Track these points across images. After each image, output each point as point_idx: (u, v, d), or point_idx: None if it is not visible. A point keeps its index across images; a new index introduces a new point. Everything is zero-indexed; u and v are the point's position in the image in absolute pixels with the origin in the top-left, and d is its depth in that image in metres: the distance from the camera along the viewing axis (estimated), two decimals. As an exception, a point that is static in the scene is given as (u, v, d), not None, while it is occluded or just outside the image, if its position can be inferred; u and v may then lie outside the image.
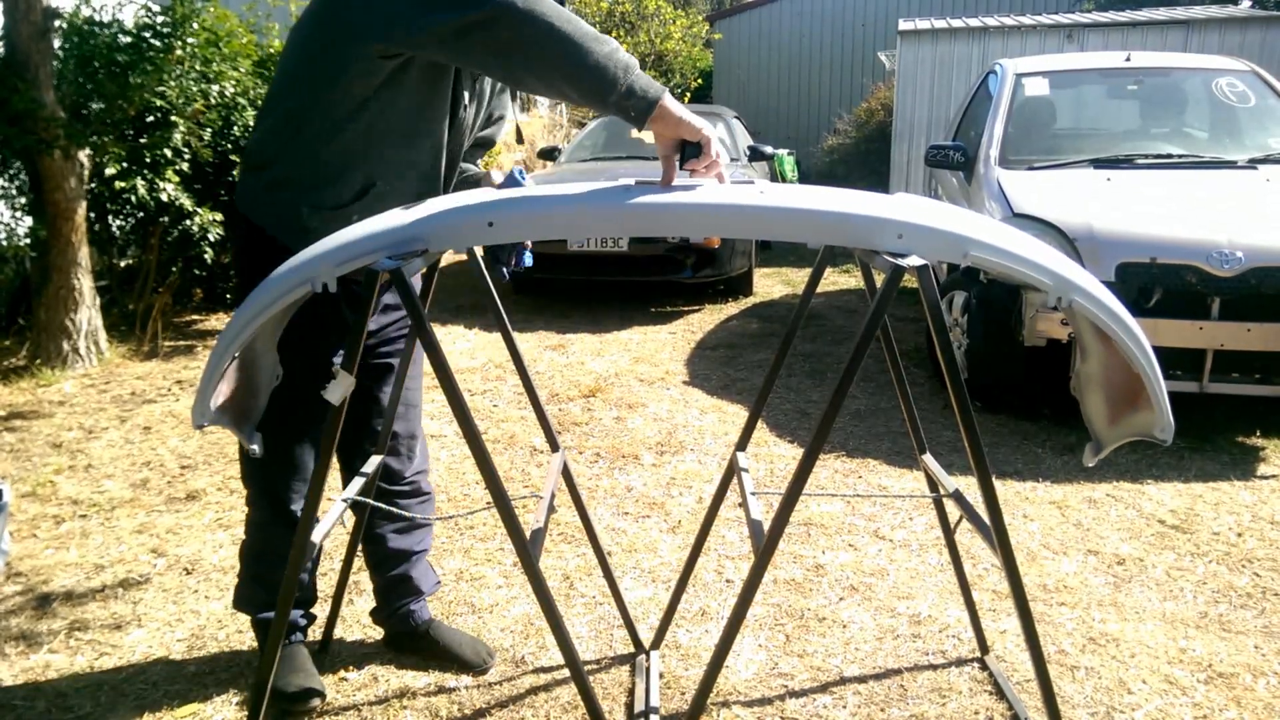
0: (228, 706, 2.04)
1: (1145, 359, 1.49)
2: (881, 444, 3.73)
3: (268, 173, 1.77)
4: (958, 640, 2.29)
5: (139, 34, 4.82)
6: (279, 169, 1.76)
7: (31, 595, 2.53)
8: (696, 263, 6.26)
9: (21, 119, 4.37)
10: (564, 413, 4.12)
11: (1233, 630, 2.35)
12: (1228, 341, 3.52)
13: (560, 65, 1.45)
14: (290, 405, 1.84)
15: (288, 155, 1.75)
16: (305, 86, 1.69)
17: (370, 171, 1.74)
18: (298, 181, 1.74)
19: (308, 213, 1.73)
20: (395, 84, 1.66)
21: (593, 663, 2.21)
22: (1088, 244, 3.69)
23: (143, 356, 5.05)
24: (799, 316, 1.88)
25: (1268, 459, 3.53)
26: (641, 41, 12.83)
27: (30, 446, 3.70)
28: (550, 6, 1.44)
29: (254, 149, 1.82)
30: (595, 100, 1.47)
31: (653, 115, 1.47)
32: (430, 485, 2.20)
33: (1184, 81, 5.14)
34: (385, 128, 1.70)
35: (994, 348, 3.99)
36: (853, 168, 11.76)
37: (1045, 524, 2.98)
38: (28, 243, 4.77)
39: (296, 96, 1.72)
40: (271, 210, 1.78)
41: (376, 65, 1.62)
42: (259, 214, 1.80)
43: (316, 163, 1.72)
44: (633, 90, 1.45)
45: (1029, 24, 8.62)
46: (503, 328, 1.94)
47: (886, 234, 1.41)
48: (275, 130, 1.76)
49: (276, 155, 1.76)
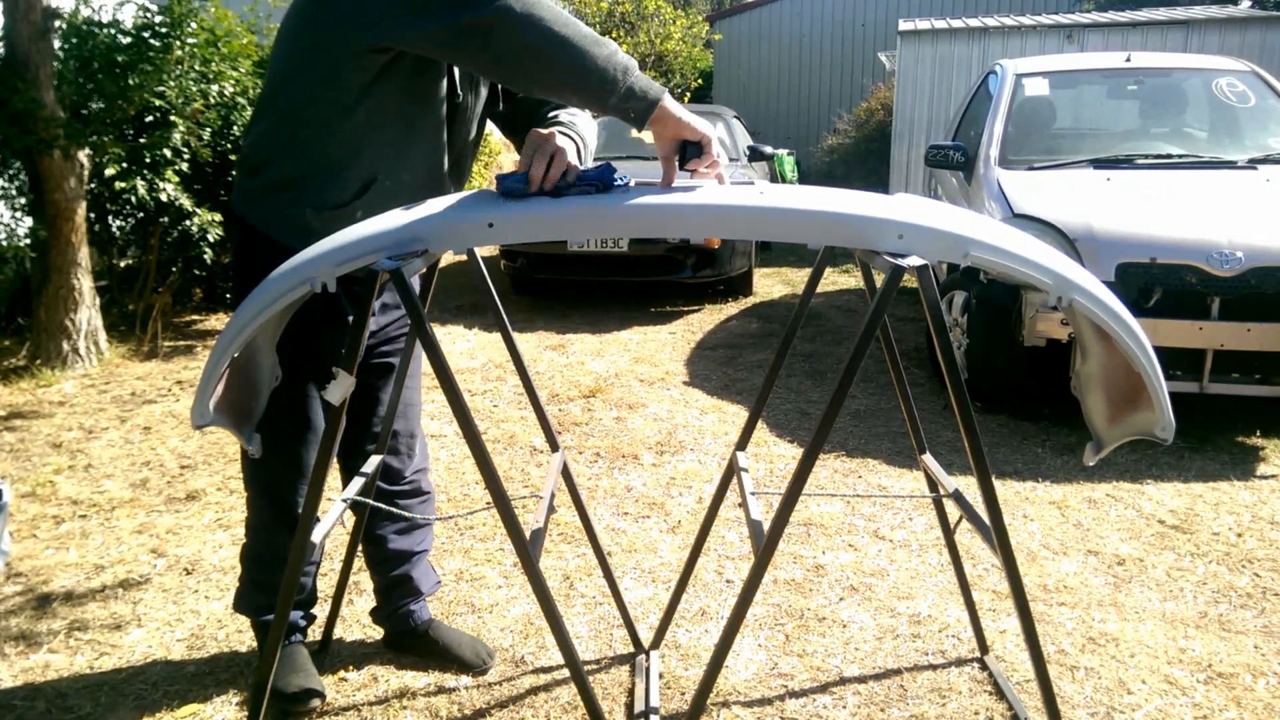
0: (228, 706, 2.04)
1: (1146, 358, 1.49)
2: (881, 444, 3.73)
3: (265, 174, 1.76)
4: (958, 640, 2.29)
5: (138, 34, 4.82)
6: (276, 169, 1.75)
7: (31, 595, 2.53)
8: (696, 263, 6.26)
9: (21, 119, 4.37)
10: (564, 413, 4.13)
11: (1233, 630, 2.35)
12: (1228, 341, 3.52)
13: (559, 69, 1.45)
14: (291, 405, 1.84)
15: (285, 155, 1.73)
16: (298, 85, 1.68)
17: (371, 166, 1.72)
18: (297, 182, 1.73)
19: (310, 214, 1.72)
20: (389, 75, 1.64)
21: (593, 663, 2.21)
22: (1088, 244, 3.69)
23: (143, 356, 5.05)
24: (799, 316, 1.88)
25: (1268, 459, 3.53)
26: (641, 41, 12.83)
27: (30, 446, 3.70)
28: (548, 10, 1.43)
29: (249, 151, 1.80)
30: (595, 103, 1.48)
31: (653, 116, 1.47)
32: (430, 484, 2.19)
33: (1184, 82, 5.14)
34: (382, 120, 1.69)
35: (994, 348, 3.99)
36: (852, 168, 11.75)
37: (1045, 524, 2.98)
38: (28, 243, 4.77)
39: (289, 95, 1.70)
40: (272, 212, 1.76)
41: (369, 60, 1.61)
42: (258, 216, 1.79)
43: (315, 161, 1.71)
44: (632, 92, 1.45)
45: (1029, 24, 8.62)
46: (503, 328, 1.94)
47: (886, 234, 1.41)
48: (270, 131, 1.75)
49: (273, 156, 1.75)
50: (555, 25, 1.42)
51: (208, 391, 1.49)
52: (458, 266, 7.78)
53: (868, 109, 12.26)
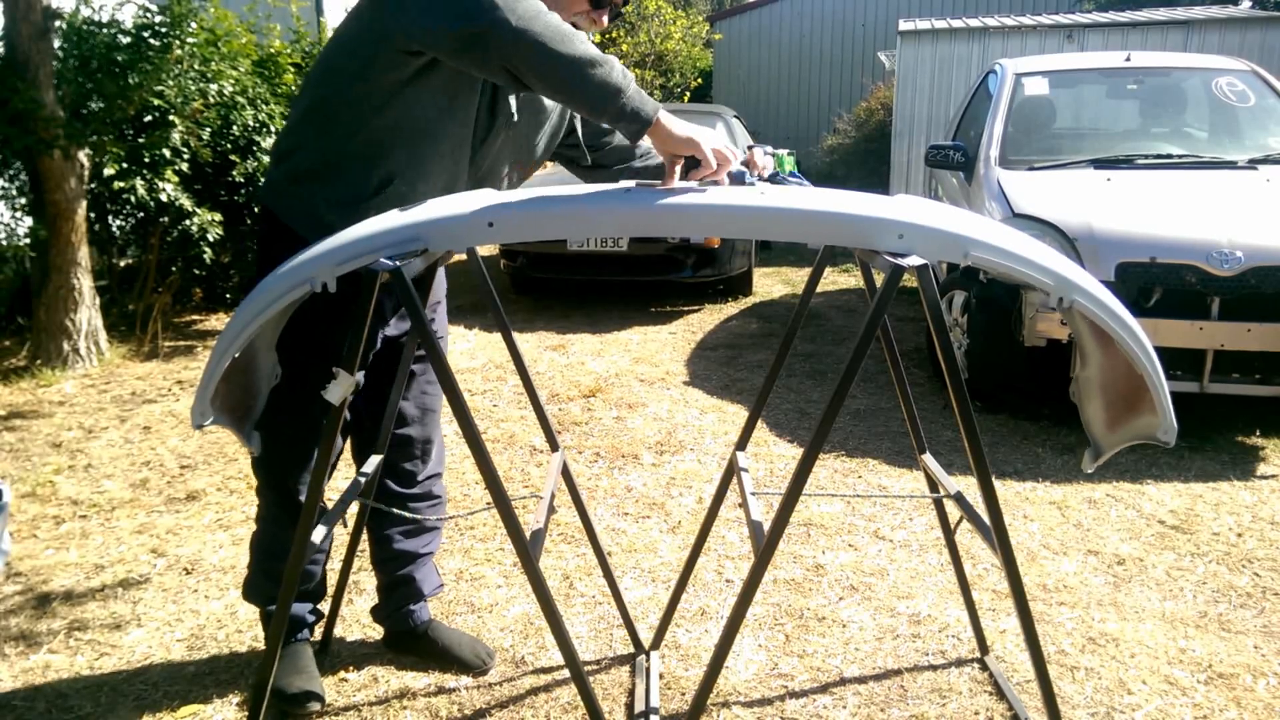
0: (228, 707, 2.04)
1: (1147, 359, 1.49)
2: (881, 444, 3.73)
3: (288, 163, 1.79)
4: (958, 640, 2.29)
5: (138, 33, 4.82)
6: (299, 159, 1.77)
7: (31, 595, 2.53)
8: (696, 262, 6.26)
9: (21, 119, 4.37)
10: (564, 413, 4.12)
11: (1233, 630, 2.35)
12: (1228, 341, 3.52)
13: (553, 84, 1.50)
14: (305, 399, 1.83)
15: (310, 146, 1.76)
16: (335, 79, 1.72)
17: (391, 169, 1.74)
18: (317, 173, 1.75)
19: (324, 206, 1.73)
20: (422, 82, 1.67)
21: (593, 663, 2.21)
22: (1088, 244, 3.69)
23: (143, 356, 5.05)
24: (799, 316, 1.88)
25: (1268, 459, 3.53)
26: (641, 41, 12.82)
27: (30, 446, 3.70)
28: (544, 25, 1.46)
29: (279, 140, 1.85)
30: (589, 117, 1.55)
31: (649, 132, 1.52)
32: (443, 489, 2.20)
33: (1184, 81, 5.14)
34: (410, 125, 1.71)
35: (994, 348, 3.99)
36: (852, 167, 11.76)
37: (1045, 524, 2.98)
38: (28, 243, 4.77)
39: (327, 86, 1.74)
40: (291, 202, 1.78)
41: (401, 60, 1.63)
42: (279, 205, 1.81)
43: (338, 154, 1.73)
44: (623, 113, 1.50)
45: (1029, 24, 8.62)
46: (503, 328, 1.94)
47: (887, 234, 1.41)
48: (301, 121, 1.79)
49: (299, 145, 1.78)
50: (550, 42, 1.46)
51: (208, 391, 1.49)
52: (458, 266, 7.77)
53: (868, 109, 12.26)
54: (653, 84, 13.17)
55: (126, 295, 5.65)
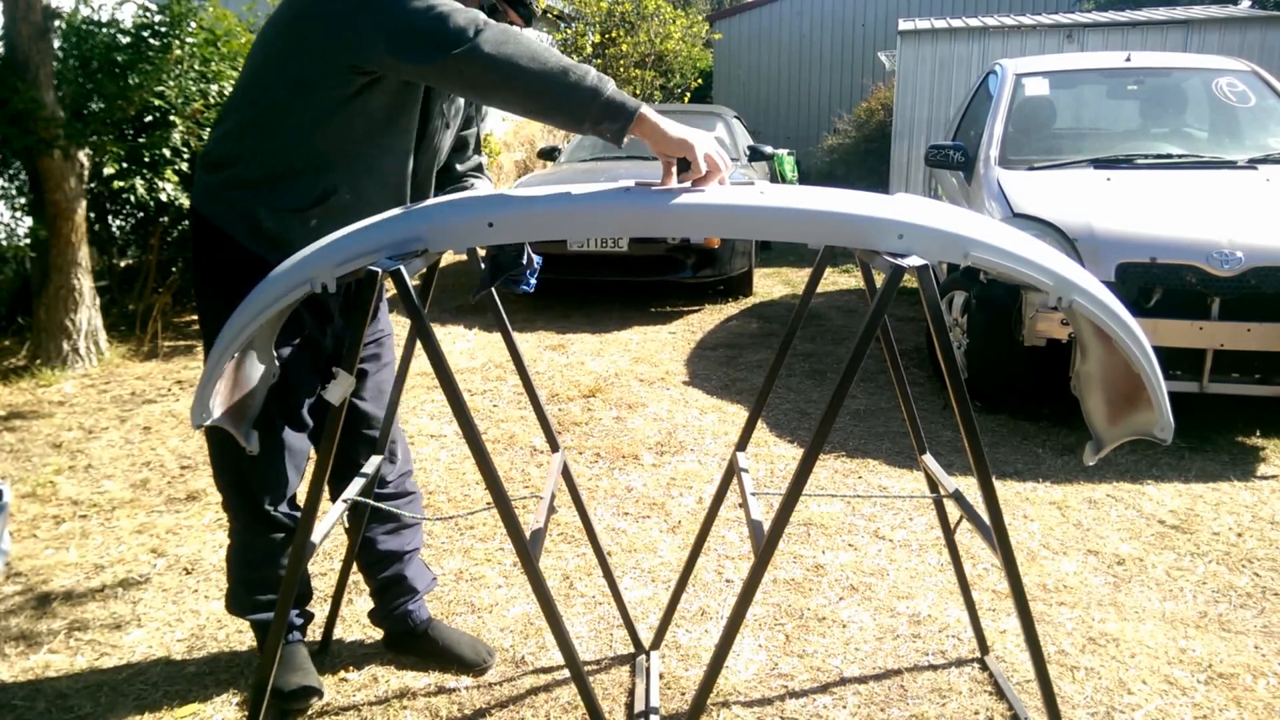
0: (228, 706, 2.04)
1: (1145, 359, 1.49)
2: (881, 444, 3.73)
3: (227, 171, 1.77)
4: (958, 640, 2.29)
5: (138, 33, 4.82)
6: (240, 168, 1.76)
7: (31, 595, 2.53)
8: (696, 263, 6.26)
9: (21, 119, 4.37)
10: (564, 413, 4.12)
11: (1233, 630, 2.35)
12: (1227, 341, 3.52)
13: (530, 100, 1.53)
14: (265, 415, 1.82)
15: (251, 156, 1.75)
16: (275, 89, 1.70)
17: (334, 178, 1.75)
18: (258, 182, 1.75)
19: (264, 213, 1.74)
20: (368, 94, 1.67)
21: (593, 663, 2.21)
22: (1088, 244, 3.69)
23: (143, 356, 5.05)
24: (799, 316, 1.88)
25: (1268, 459, 3.53)
26: (641, 41, 12.83)
27: (30, 446, 3.70)
28: (516, 47, 1.49)
29: (213, 147, 1.81)
30: (571, 127, 1.57)
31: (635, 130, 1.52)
32: (415, 485, 2.21)
33: (1184, 81, 5.14)
34: (355, 135, 1.72)
35: (994, 348, 3.99)
36: (852, 168, 11.76)
37: (1045, 524, 2.98)
38: (28, 243, 4.77)
39: (265, 98, 1.72)
40: (228, 208, 1.78)
41: (349, 76, 1.64)
42: (213, 211, 1.80)
43: (280, 165, 1.73)
44: (603, 115, 1.51)
45: (1029, 24, 8.62)
46: (503, 328, 1.94)
47: (887, 234, 1.41)
48: (239, 129, 1.76)
49: (238, 155, 1.76)
50: (523, 61, 1.49)
51: (208, 391, 1.49)
52: (458, 266, 7.78)
53: (868, 109, 12.26)
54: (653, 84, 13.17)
55: (126, 295, 5.66)
